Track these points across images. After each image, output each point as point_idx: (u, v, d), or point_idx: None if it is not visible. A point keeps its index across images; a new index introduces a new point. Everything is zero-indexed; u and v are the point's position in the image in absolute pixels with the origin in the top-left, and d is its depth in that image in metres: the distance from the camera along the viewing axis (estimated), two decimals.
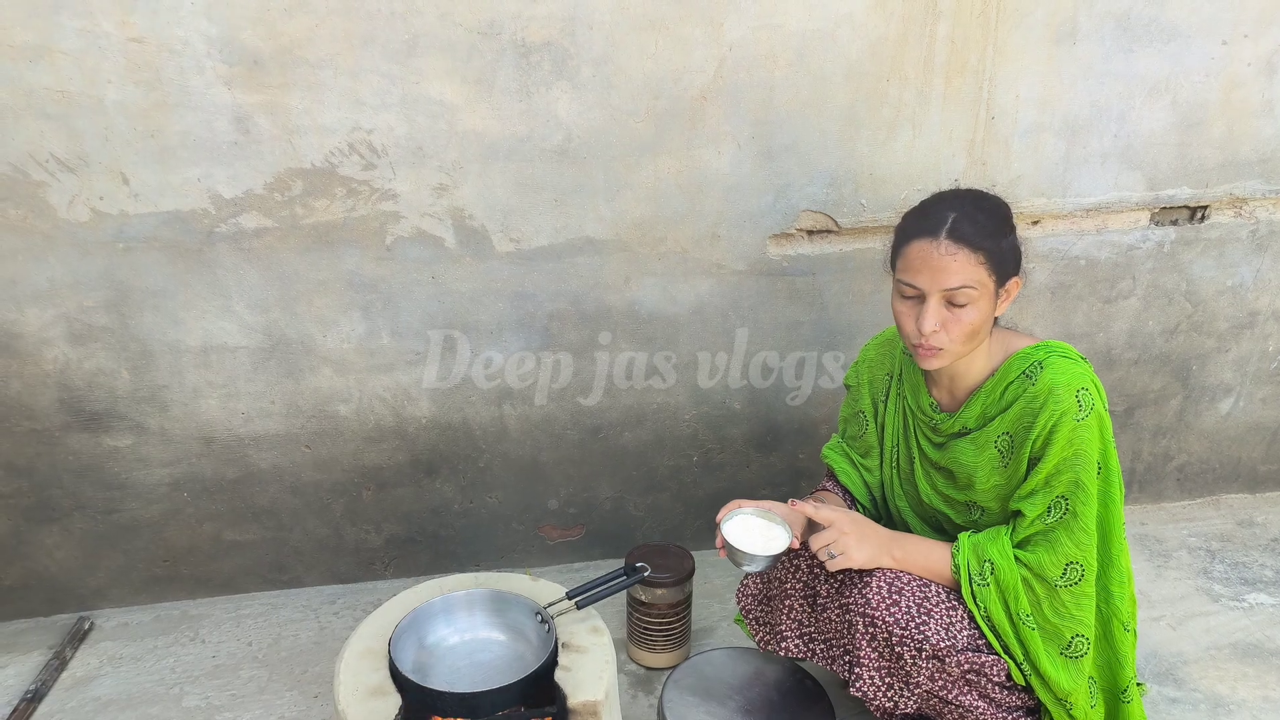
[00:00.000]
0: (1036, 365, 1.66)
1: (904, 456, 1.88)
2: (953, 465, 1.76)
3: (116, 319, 2.10)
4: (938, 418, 1.79)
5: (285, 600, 2.44)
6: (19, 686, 2.14)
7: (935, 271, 1.59)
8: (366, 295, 2.16)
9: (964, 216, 1.59)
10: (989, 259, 1.59)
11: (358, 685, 1.64)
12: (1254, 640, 2.26)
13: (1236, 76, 2.25)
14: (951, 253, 1.58)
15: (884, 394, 1.90)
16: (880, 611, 1.65)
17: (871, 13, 2.05)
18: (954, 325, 1.61)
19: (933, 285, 1.60)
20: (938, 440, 1.80)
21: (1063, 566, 1.64)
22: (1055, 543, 1.64)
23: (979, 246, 1.58)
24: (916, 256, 1.61)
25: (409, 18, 1.91)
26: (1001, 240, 1.61)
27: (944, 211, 1.61)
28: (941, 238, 1.58)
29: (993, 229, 1.60)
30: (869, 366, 1.94)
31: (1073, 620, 1.65)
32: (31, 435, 2.18)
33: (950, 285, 1.59)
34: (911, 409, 1.84)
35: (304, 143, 1.99)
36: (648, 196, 2.15)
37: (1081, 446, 1.61)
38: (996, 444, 1.70)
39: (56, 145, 1.92)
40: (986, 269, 1.59)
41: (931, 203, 1.67)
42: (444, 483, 2.41)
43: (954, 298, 1.59)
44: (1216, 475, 2.82)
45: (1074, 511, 1.63)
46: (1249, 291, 2.54)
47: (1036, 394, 1.63)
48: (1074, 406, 1.60)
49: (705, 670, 1.95)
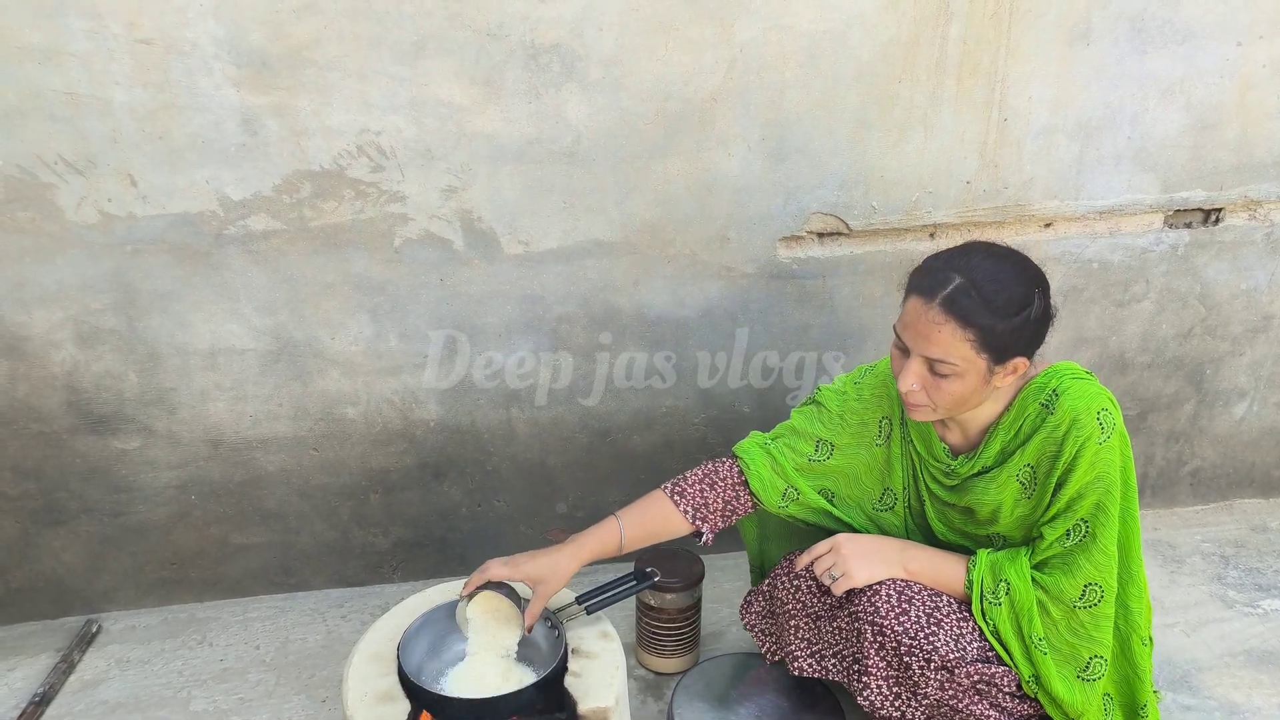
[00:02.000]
0: (1052, 394, 1.60)
1: (914, 497, 1.83)
2: (974, 504, 1.71)
3: (124, 321, 2.09)
4: (954, 464, 1.72)
5: (292, 604, 2.43)
6: (27, 689, 2.14)
7: (918, 336, 1.52)
8: (374, 298, 2.15)
9: (968, 286, 1.48)
10: (980, 337, 1.49)
11: (366, 690, 1.62)
12: (1269, 647, 2.24)
13: (1251, 78, 2.24)
14: (938, 322, 1.49)
15: (882, 436, 1.81)
16: (889, 620, 1.63)
17: (883, 14, 2.04)
18: (935, 390, 1.55)
19: (914, 347, 1.54)
20: (951, 484, 1.74)
21: (1081, 588, 1.60)
22: (1073, 565, 1.60)
23: (970, 323, 1.48)
24: (909, 313, 1.54)
25: (417, 19, 1.90)
26: (1005, 320, 1.49)
27: (950, 274, 1.50)
28: (934, 303, 1.49)
29: (998, 307, 1.48)
30: (860, 406, 1.81)
31: (1090, 641, 1.62)
32: (39, 438, 2.17)
33: (930, 355, 1.52)
34: (920, 455, 1.77)
35: (312, 145, 1.98)
36: (657, 199, 2.14)
37: (1105, 469, 1.57)
38: (1019, 477, 1.65)
39: (65, 147, 1.91)
40: (974, 347, 1.50)
41: (946, 258, 1.56)
42: (452, 486, 2.40)
43: (935, 367, 1.53)
44: (1230, 480, 2.80)
45: (1093, 534, 1.59)
46: (1263, 295, 2.52)
47: (1058, 423, 1.58)
48: (1097, 430, 1.56)
49: (715, 676, 1.94)
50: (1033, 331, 1.55)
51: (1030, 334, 1.55)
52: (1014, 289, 1.51)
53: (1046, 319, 1.58)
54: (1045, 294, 1.56)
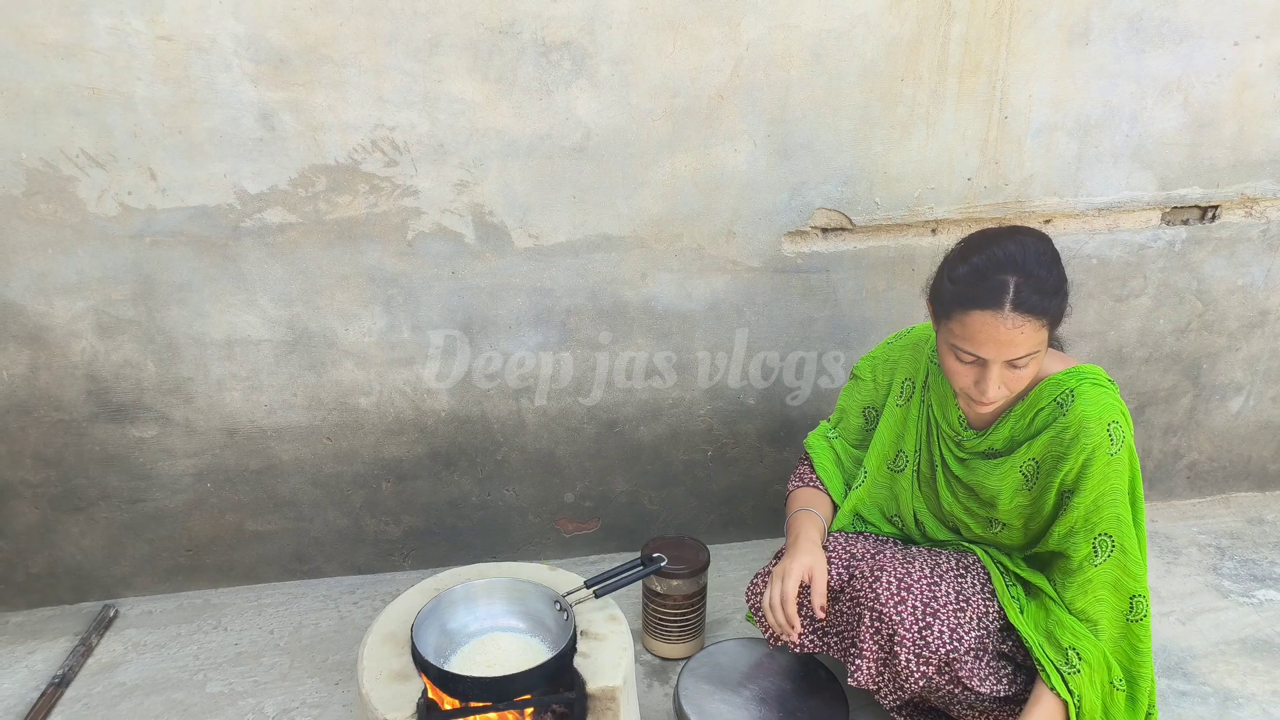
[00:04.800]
0: (1068, 394, 1.63)
1: (925, 462, 1.87)
2: (976, 485, 1.76)
3: (143, 312, 2.14)
4: (964, 434, 1.77)
5: (305, 590, 2.48)
6: (47, 671, 2.19)
7: (1001, 345, 1.52)
8: (388, 290, 2.19)
9: (1027, 282, 1.50)
10: (1051, 320, 1.54)
11: (381, 669, 1.67)
12: (1264, 636, 2.28)
13: (1248, 77, 2.28)
14: (1019, 325, 1.50)
15: (903, 397, 1.88)
16: (888, 608, 1.67)
17: (887, 13, 2.08)
18: (1013, 381, 1.58)
19: (998, 356, 1.53)
20: (961, 455, 1.79)
21: (1129, 601, 1.63)
22: (1116, 582, 1.64)
23: (1044, 313, 1.51)
24: (979, 329, 1.52)
25: (431, 17, 1.95)
26: (1061, 295, 1.54)
27: (1003, 276, 1.51)
28: (1006, 311, 1.50)
29: (1055, 286, 1.53)
30: (889, 367, 1.90)
31: (1141, 656, 1.65)
32: (59, 426, 2.22)
33: (1016, 355, 1.53)
34: (937, 419, 1.82)
35: (328, 139, 2.02)
36: (665, 194, 2.18)
37: (1116, 481, 1.60)
38: (1022, 469, 1.69)
39: (86, 141, 1.96)
40: (1050, 328, 1.55)
41: (986, 265, 1.54)
42: (462, 475, 2.44)
43: (1015, 363, 1.55)
44: (1226, 473, 2.84)
45: (1121, 546, 1.62)
46: (1260, 291, 2.56)
47: (1068, 425, 1.61)
48: (1106, 441, 1.59)
49: (720, 659, 1.98)
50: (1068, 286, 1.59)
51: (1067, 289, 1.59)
52: (1053, 263, 1.56)
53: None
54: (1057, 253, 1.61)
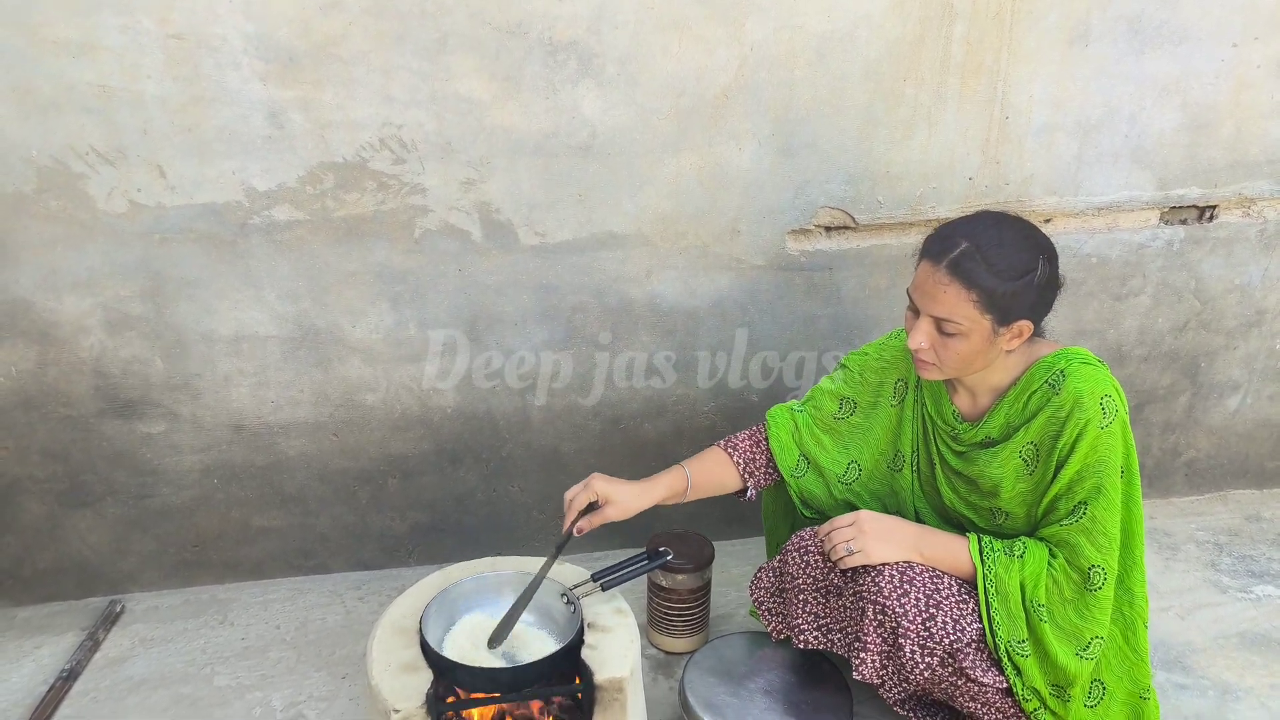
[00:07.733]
0: (1059, 374, 1.65)
1: (924, 461, 1.89)
2: (977, 476, 1.77)
3: (152, 308, 2.15)
4: (960, 427, 1.79)
5: (311, 585, 2.50)
6: (54, 665, 2.20)
7: (926, 296, 1.62)
8: (395, 287, 2.21)
9: (974, 251, 1.57)
10: (983, 299, 1.57)
11: (390, 661, 1.68)
12: (1261, 630, 2.31)
13: (1246, 78, 2.30)
14: (944, 283, 1.59)
15: (897, 398, 1.90)
16: (891, 601, 1.68)
17: (889, 14, 2.10)
18: (943, 349, 1.64)
19: (923, 307, 1.63)
20: (959, 449, 1.81)
21: (1086, 570, 1.65)
22: (1076, 547, 1.65)
23: (975, 285, 1.57)
24: (920, 275, 1.64)
25: (439, 17, 1.97)
26: (1007, 283, 1.57)
27: (958, 238, 1.60)
28: (941, 266, 1.59)
29: (1002, 269, 1.56)
30: (881, 366, 1.92)
31: (1094, 623, 1.66)
32: (67, 421, 2.23)
33: (937, 314, 1.61)
34: (932, 416, 1.84)
35: (336, 137, 2.04)
36: (670, 192, 2.20)
37: (1105, 453, 1.62)
38: (1021, 454, 1.71)
39: (96, 138, 1.97)
40: (978, 307, 1.58)
41: (956, 224, 1.66)
42: (468, 472, 2.46)
43: (942, 326, 1.61)
44: (1225, 471, 2.86)
45: (1093, 516, 1.63)
46: (1257, 290, 2.59)
47: (1062, 403, 1.64)
48: (1099, 414, 1.61)
49: (725, 653, 2.00)
50: (1036, 296, 1.62)
51: (1034, 298, 1.61)
52: (1017, 254, 1.59)
53: (1052, 285, 1.65)
54: (1051, 261, 1.64)
